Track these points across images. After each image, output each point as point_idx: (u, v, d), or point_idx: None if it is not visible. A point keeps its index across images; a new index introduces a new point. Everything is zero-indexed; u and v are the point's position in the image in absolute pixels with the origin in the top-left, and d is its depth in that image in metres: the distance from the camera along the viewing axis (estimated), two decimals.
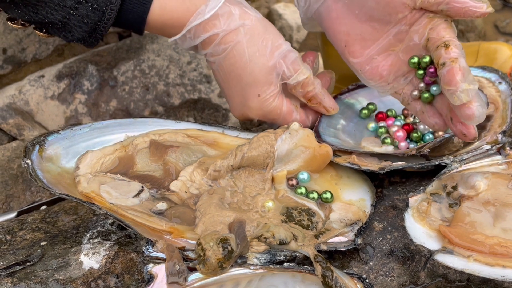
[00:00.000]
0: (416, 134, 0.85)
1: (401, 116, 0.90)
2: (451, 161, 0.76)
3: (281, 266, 0.66)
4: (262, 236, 0.68)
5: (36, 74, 1.12)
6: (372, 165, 0.77)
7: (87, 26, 0.75)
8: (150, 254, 0.66)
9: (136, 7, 0.76)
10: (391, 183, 0.81)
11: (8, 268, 0.69)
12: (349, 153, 0.80)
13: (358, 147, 0.84)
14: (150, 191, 0.75)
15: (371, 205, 0.75)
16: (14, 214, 0.85)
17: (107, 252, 0.71)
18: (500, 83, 0.87)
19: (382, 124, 0.88)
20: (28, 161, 0.72)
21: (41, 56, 1.16)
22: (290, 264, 0.67)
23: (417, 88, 0.78)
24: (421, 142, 0.85)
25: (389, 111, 0.90)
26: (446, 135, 0.79)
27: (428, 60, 0.76)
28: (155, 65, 1.13)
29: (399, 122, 0.87)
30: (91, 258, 0.70)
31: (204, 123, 0.85)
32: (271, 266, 0.66)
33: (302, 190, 0.77)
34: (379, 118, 0.89)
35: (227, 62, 0.80)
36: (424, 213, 0.70)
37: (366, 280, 0.64)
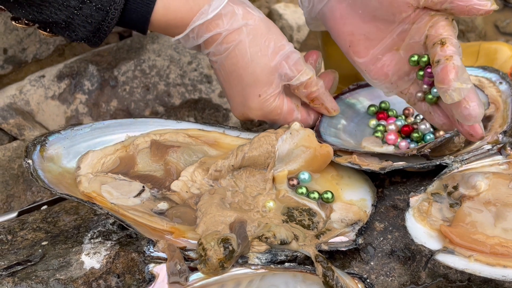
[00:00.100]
0: (417, 134, 0.85)
1: (402, 116, 0.89)
2: (452, 161, 0.76)
3: (282, 266, 0.66)
4: (263, 236, 0.68)
5: (37, 74, 1.12)
6: (373, 165, 0.77)
7: (91, 25, 0.75)
8: (151, 254, 0.66)
9: (140, 6, 0.76)
10: (392, 183, 0.81)
11: (9, 268, 0.69)
12: (350, 153, 0.80)
13: (359, 147, 0.84)
14: (151, 191, 0.75)
15: (372, 205, 0.75)
16: (15, 214, 0.85)
17: (108, 252, 0.71)
18: (500, 83, 0.87)
19: (382, 123, 0.88)
20: (29, 161, 0.72)
21: (41, 56, 1.16)
22: (291, 264, 0.67)
23: (421, 89, 0.78)
24: (422, 142, 0.85)
25: (390, 111, 0.90)
26: (447, 135, 0.79)
27: (426, 59, 0.75)
28: (155, 65, 1.13)
29: (399, 122, 0.87)
30: (92, 258, 0.70)
31: (205, 123, 0.85)
32: (272, 266, 0.66)
33: (303, 190, 0.77)
34: (380, 118, 0.89)
35: (229, 62, 0.80)
36: (425, 213, 0.70)
37: (367, 280, 0.64)
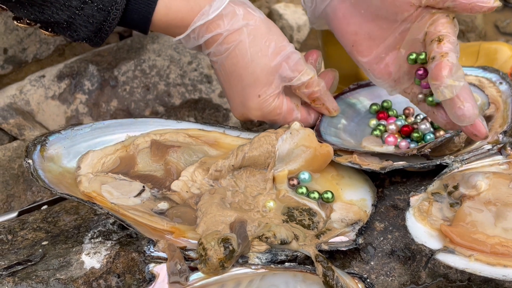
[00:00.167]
0: (417, 134, 0.85)
1: (402, 116, 0.89)
2: (452, 161, 0.76)
3: (282, 265, 0.66)
4: (263, 236, 0.68)
5: (37, 74, 1.12)
6: (373, 164, 0.77)
7: (93, 26, 0.75)
8: (152, 254, 0.66)
9: (141, 7, 0.76)
10: (392, 183, 0.81)
11: (10, 267, 0.69)
12: (350, 152, 0.80)
13: (359, 147, 0.84)
14: (152, 191, 0.75)
15: (372, 205, 0.75)
16: (15, 214, 0.85)
17: (109, 252, 0.71)
18: (500, 83, 0.87)
19: (382, 123, 0.88)
20: (30, 161, 0.72)
21: (41, 56, 1.16)
22: (291, 263, 0.67)
23: (421, 91, 0.77)
24: (422, 142, 0.85)
25: (390, 110, 0.90)
26: (447, 135, 0.79)
27: (424, 57, 0.74)
28: (155, 65, 1.13)
29: (400, 122, 0.87)
30: (92, 257, 0.70)
31: (205, 123, 0.84)
32: (272, 265, 0.66)
33: (303, 190, 0.77)
34: (380, 118, 0.89)
35: (229, 62, 0.80)
36: (425, 213, 0.70)
37: (367, 280, 0.64)
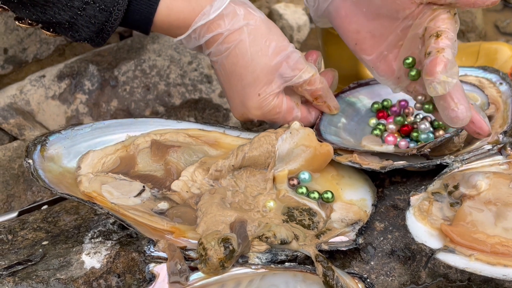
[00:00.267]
0: (417, 133, 0.85)
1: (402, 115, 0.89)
2: (453, 161, 0.76)
3: (282, 265, 0.66)
4: (264, 236, 0.68)
5: (37, 74, 1.12)
6: (374, 164, 0.77)
7: (95, 26, 0.75)
8: (152, 254, 0.66)
9: (143, 7, 0.76)
10: (392, 183, 0.81)
11: (10, 267, 0.69)
12: (350, 152, 0.80)
13: (359, 146, 0.84)
14: (152, 191, 0.75)
15: (372, 204, 0.75)
16: (15, 214, 0.85)
17: (109, 252, 0.71)
18: (501, 83, 0.87)
19: (382, 122, 0.88)
20: (30, 161, 0.72)
21: (42, 56, 1.16)
22: (291, 263, 0.67)
23: (422, 91, 0.77)
24: (422, 142, 0.85)
25: (390, 109, 0.90)
26: (447, 135, 0.79)
27: (410, 61, 0.74)
28: (156, 65, 1.13)
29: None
30: (92, 257, 0.70)
31: (205, 123, 0.84)
32: (272, 265, 0.66)
33: (303, 190, 0.77)
34: (380, 117, 0.89)
35: (230, 61, 0.80)
36: (425, 212, 0.70)
37: (367, 280, 0.64)
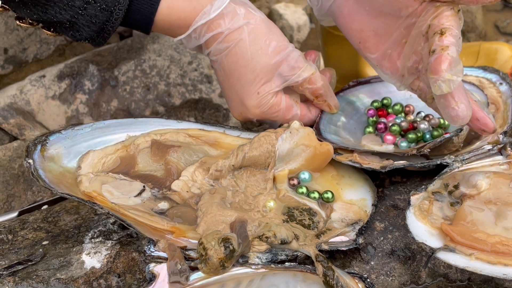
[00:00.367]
0: (415, 134, 0.85)
1: (402, 114, 0.89)
2: (453, 161, 0.76)
3: (282, 265, 0.66)
4: (264, 236, 0.68)
5: (37, 74, 1.12)
6: (374, 163, 0.77)
7: (95, 26, 0.75)
8: (152, 254, 0.66)
9: (144, 7, 0.76)
10: (392, 182, 0.81)
11: (10, 267, 0.69)
12: (350, 151, 0.80)
13: (359, 145, 0.84)
14: (152, 190, 0.75)
15: (372, 204, 0.75)
16: (15, 214, 0.85)
17: (109, 252, 0.71)
18: (501, 83, 0.87)
19: (383, 120, 0.87)
20: (30, 161, 0.72)
21: (42, 56, 1.16)
22: (292, 263, 0.67)
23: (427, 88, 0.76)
24: (422, 142, 0.85)
25: (390, 108, 0.89)
26: (447, 135, 0.79)
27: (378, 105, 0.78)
28: (156, 65, 1.13)
29: (399, 120, 0.87)
30: (92, 257, 0.70)
31: (206, 123, 0.84)
32: (272, 265, 0.66)
33: (303, 190, 0.77)
34: (380, 115, 0.89)
35: (229, 60, 0.80)
36: (426, 212, 0.70)
37: (367, 280, 0.64)
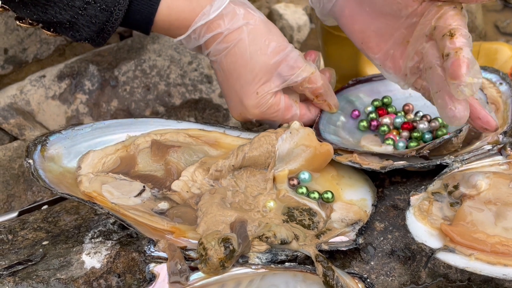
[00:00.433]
0: (416, 133, 0.85)
1: (402, 113, 0.89)
2: (453, 161, 0.76)
3: (282, 265, 0.66)
4: (264, 236, 0.68)
5: (37, 74, 1.12)
6: (374, 164, 0.77)
7: (95, 26, 0.75)
8: (152, 254, 0.66)
9: (144, 7, 0.76)
10: (392, 183, 0.81)
11: (10, 267, 0.69)
12: (350, 152, 0.80)
13: (358, 146, 0.84)
14: (152, 191, 0.75)
15: (372, 205, 0.75)
16: (15, 214, 0.85)
17: (109, 252, 0.71)
18: (501, 83, 0.87)
19: (385, 120, 0.87)
20: (30, 161, 0.72)
21: (42, 56, 1.16)
22: (292, 263, 0.67)
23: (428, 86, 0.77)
24: (422, 142, 0.85)
25: (389, 107, 0.90)
26: (446, 136, 0.79)
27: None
28: (156, 65, 1.13)
29: (399, 119, 0.87)
30: (92, 257, 0.70)
31: (206, 123, 0.84)
32: (272, 265, 0.66)
33: (303, 190, 0.77)
34: (379, 115, 0.89)
35: (229, 60, 0.80)
36: (425, 212, 0.70)
37: (367, 280, 0.64)
